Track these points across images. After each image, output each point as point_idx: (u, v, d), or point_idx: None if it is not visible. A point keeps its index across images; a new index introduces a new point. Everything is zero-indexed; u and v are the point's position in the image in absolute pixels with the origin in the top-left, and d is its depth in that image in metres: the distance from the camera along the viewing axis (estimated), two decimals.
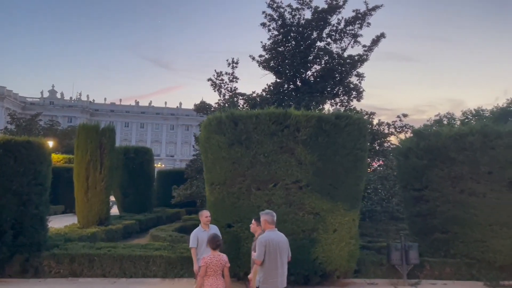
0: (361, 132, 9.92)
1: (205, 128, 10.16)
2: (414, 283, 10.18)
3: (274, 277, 5.83)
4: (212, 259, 6.04)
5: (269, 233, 6.02)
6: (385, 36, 18.85)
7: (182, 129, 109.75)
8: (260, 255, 5.83)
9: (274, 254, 5.86)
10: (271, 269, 5.82)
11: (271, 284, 5.81)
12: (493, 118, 59.33)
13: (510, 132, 10.62)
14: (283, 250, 6.01)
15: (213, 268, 5.97)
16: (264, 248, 5.82)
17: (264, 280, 5.82)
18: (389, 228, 16.20)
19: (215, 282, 5.97)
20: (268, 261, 5.80)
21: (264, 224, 6.15)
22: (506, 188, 10.45)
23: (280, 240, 6.03)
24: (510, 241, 10.27)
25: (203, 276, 5.97)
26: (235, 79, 19.26)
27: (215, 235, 6.46)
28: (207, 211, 8.20)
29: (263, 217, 6.18)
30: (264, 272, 5.83)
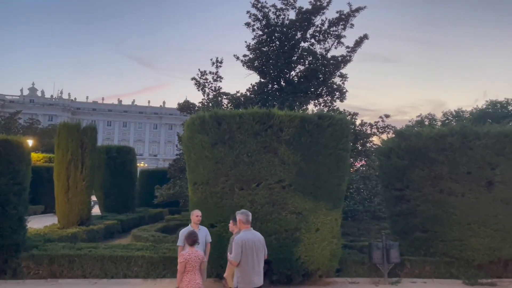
0: (344, 132, 10.01)
1: (188, 128, 10.11)
2: (395, 282, 10.32)
3: (251, 276, 5.88)
4: (190, 255, 6.15)
5: (245, 233, 6.06)
6: (368, 37, 19.03)
7: (166, 129, 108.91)
8: (237, 256, 5.87)
9: (250, 254, 5.90)
10: (248, 268, 5.86)
11: (249, 284, 5.86)
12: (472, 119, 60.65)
13: (488, 133, 10.86)
14: (259, 249, 6.05)
15: (191, 264, 6.10)
16: (241, 248, 5.86)
17: (242, 280, 5.86)
18: (371, 227, 16.39)
19: (193, 278, 6.10)
20: (245, 261, 5.85)
21: (239, 224, 6.19)
22: (484, 188, 10.68)
23: (256, 239, 6.07)
24: (488, 240, 10.51)
25: (183, 272, 6.07)
26: (219, 79, 19.20)
27: (192, 231, 6.56)
28: (199, 211, 8.12)
29: (238, 216, 6.22)
30: (242, 272, 5.87)
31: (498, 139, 10.76)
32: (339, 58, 18.92)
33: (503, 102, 72.22)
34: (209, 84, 19.14)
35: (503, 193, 10.60)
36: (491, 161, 10.71)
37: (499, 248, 10.49)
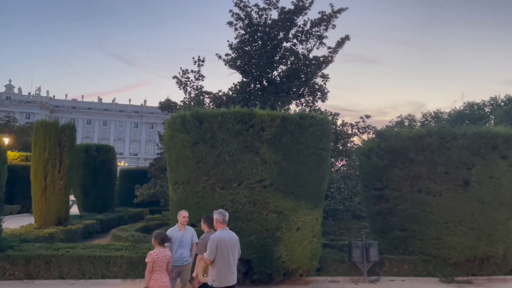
0: (325, 132, 10.09)
1: (169, 126, 10.03)
2: (374, 280, 10.46)
3: (226, 275, 5.94)
4: (158, 254, 6.19)
5: (221, 232, 6.10)
6: (350, 38, 19.23)
7: (147, 127, 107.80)
8: (211, 254, 5.91)
9: (226, 252, 5.96)
10: (223, 267, 5.92)
11: (224, 282, 5.91)
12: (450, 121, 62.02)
13: (464, 134, 11.10)
14: (235, 248, 6.13)
15: (159, 263, 6.15)
16: (216, 247, 5.91)
17: (217, 278, 5.91)
18: (351, 226, 16.58)
19: (161, 277, 6.15)
20: (220, 260, 5.90)
21: (216, 223, 6.24)
22: (461, 188, 10.92)
23: (231, 238, 6.14)
24: (464, 238, 10.74)
25: (151, 272, 6.11)
26: (201, 77, 19.11)
27: (162, 231, 6.62)
28: (186, 212, 7.96)
29: (215, 216, 6.26)
30: (217, 270, 5.93)
31: (474, 140, 11.00)
32: (321, 59, 19.07)
33: (479, 104, 74.13)
34: (191, 83, 19.05)
35: (479, 193, 10.85)
36: (468, 161, 10.95)
37: (475, 247, 10.73)
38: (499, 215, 10.90)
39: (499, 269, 11.09)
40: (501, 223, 10.91)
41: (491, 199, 10.87)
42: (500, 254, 10.88)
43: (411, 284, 10.33)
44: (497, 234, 10.84)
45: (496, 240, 10.81)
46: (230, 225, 9.06)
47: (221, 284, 5.89)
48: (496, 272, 11.08)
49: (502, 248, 10.88)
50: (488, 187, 10.89)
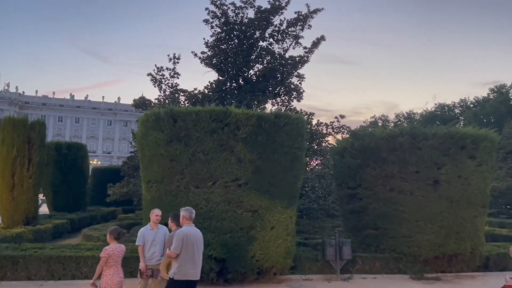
0: (300, 132, 10.15)
1: (143, 124, 9.88)
2: (347, 278, 10.59)
3: (189, 269, 6.09)
4: (114, 250, 6.26)
5: (187, 228, 6.24)
6: (325, 39, 19.44)
7: (120, 125, 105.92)
8: (177, 248, 6.03)
9: (191, 247, 6.10)
10: (187, 261, 6.07)
11: (185, 275, 6.05)
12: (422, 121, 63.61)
13: (435, 134, 11.36)
14: (199, 244, 6.29)
15: (114, 258, 6.23)
16: (182, 241, 6.05)
17: (179, 271, 6.04)
18: (325, 225, 16.75)
19: (116, 272, 6.24)
20: (184, 254, 6.05)
21: (182, 219, 6.37)
22: (431, 187, 11.18)
23: (197, 235, 6.29)
24: (434, 236, 11.01)
25: (103, 266, 6.19)
26: (176, 75, 18.93)
27: (117, 227, 6.68)
28: (159, 210, 7.86)
29: (182, 213, 6.40)
30: (180, 264, 6.06)
31: (444, 140, 11.29)
32: (296, 58, 19.19)
33: (450, 105, 76.38)
34: (165, 80, 18.85)
35: (448, 192, 11.14)
36: (438, 161, 11.22)
37: (444, 244, 11.02)
38: (467, 213, 11.22)
39: (467, 266, 11.42)
40: (469, 221, 11.23)
41: (459, 198, 11.17)
42: (467, 251, 11.20)
43: (383, 282, 10.52)
44: (465, 232, 11.15)
45: (464, 237, 11.13)
46: (205, 224, 9.09)
47: (182, 276, 6.02)
48: (464, 269, 11.40)
49: (469, 246, 11.20)
50: (456, 186, 11.19)
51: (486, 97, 68.49)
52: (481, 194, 11.50)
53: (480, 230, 11.68)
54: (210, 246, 9.07)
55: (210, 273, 9.10)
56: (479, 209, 11.51)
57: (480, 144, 11.45)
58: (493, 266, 11.79)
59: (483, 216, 11.85)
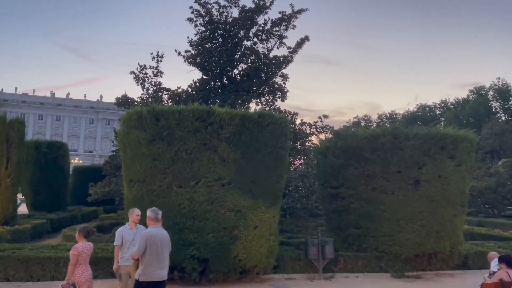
0: (283, 131, 10.17)
1: (125, 123, 9.76)
2: (329, 277, 10.66)
3: (154, 270, 6.09)
4: (83, 248, 6.34)
5: (152, 229, 6.24)
6: (309, 39, 19.52)
7: (103, 124, 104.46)
8: (140, 250, 6.03)
9: (155, 248, 6.08)
10: (152, 262, 6.06)
11: (150, 276, 6.05)
12: (404, 122, 64.59)
13: (416, 135, 11.53)
14: (165, 245, 6.27)
15: (84, 256, 6.31)
16: (145, 243, 6.05)
17: (144, 272, 6.04)
18: (308, 224, 16.85)
19: (85, 270, 6.34)
20: (149, 255, 6.05)
21: (148, 220, 6.38)
22: (412, 186, 11.35)
23: (162, 235, 6.28)
24: (414, 235, 11.17)
25: (74, 265, 6.25)
26: (159, 74, 18.76)
27: (86, 225, 6.76)
28: (139, 210, 7.76)
29: (148, 213, 6.41)
30: (145, 265, 6.06)
31: (425, 141, 11.46)
32: (280, 58, 19.23)
33: (431, 106, 77.70)
34: (149, 78, 18.66)
35: (428, 191, 11.32)
36: (419, 161, 11.39)
37: (424, 243, 11.20)
38: (447, 212, 11.42)
39: (446, 264, 11.62)
40: (448, 220, 11.44)
41: (439, 197, 11.37)
42: (447, 250, 11.41)
43: (364, 280, 10.63)
44: (444, 231, 11.36)
45: (444, 236, 11.33)
46: (187, 223, 9.05)
47: (147, 278, 6.02)
48: (443, 267, 11.60)
49: (449, 244, 11.41)
50: (437, 186, 11.38)
51: (466, 98, 69.89)
52: (460, 193, 11.72)
53: (459, 229, 11.91)
54: (192, 246, 9.03)
55: (193, 273, 9.06)
56: (458, 208, 11.73)
57: (459, 144, 11.66)
58: (471, 265, 12.04)
59: (462, 215, 12.08)
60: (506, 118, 59.94)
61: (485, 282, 7.46)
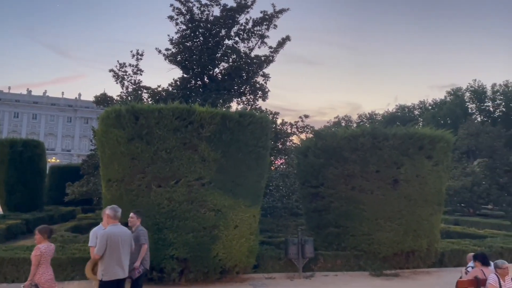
0: (264, 131, 10.17)
1: (103, 122, 9.61)
2: (309, 276, 10.72)
3: (116, 269, 6.13)
4: (46, 249, 6.31)
5: (111, 228, 6.25)
6: (290, 39, 19.59)
7: (81, 122, 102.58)
8: (101, 249, 6.04)
9: (116, 247, 6.11)
10: (113, 261, 6.10)
11: (113, 275, 6.08)
12: (384, 122, 65.52)
13: (395, 135, 11.69)
14: (126, 242, 6.31)
15: (46, 257, 6.28)
16: (106, 242, 6.06)
17: (106, 272, 6.06)
18: (289, 223, 16.91)
19: (47, 270, 6.31)
20: (109, 254, 6.08)
21: (107, 219, 6.38)
22: (391, 186, 11.50)
23: (122, 233, 6.31)
24: (392, 233, 11.33)
25: (37, 265, 6.22)
26: (139, 72, 18.56)
27: (46, 225, 6.70)
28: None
29: (107, 212, 6.42)
30: (106, 264, 6.08)
31: (403, 141, 11.63)
32: (262, 58, 19.25)
33: (410, 107, 79.02)
34: (128, 77, 18.45)
35: (406, 190, 11.50)
36: (397, 161, 11.55)
37: (402, 241, 11.37)
38: (424, 211, 11.63)
39: (423, 262, 11.82)
40: (426, 219, 11.64)
41: (417, 196, 11.56)
42: (424, 248, 11.61)
43: (343, 279, 10.73)
44: (422, 229, 11.55)
45: (421, 235, 11.52)
46: (167, 223, 8.97)
47: (110, 277, 6.06)
48: (420, 265, 11.80)
49: (426, 242, 11.61)
50: (414, 185, 11.57)
51: (443, 99, 71.30)
52: (437, 192, 11.95)
53: (436, 228, 12.13)
54: (172, 246, 8.96)
55: (172, 273, 8.99)
56: (435, 207, 11.95)
57: (436, 144, 11.88)
58: (447, 262, 12.28)
59: (439, 214, 12.31)
60: (482, 119, 61.46)
61: (460, 279, 7.61)
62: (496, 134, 37.24)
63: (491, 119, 60.61)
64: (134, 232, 7.16)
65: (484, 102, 65.45)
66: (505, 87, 63.85)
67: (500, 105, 64.06)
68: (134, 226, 7.32)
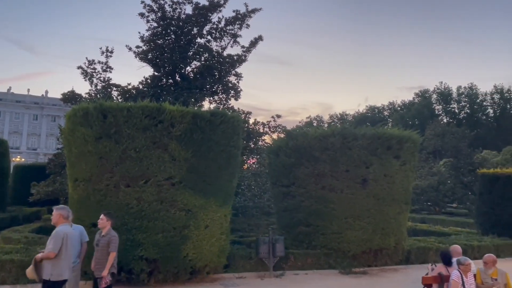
0: (235, 130, 10.16)
1: (70, 120, 9.36)
2: (279, 275, 10.78)
3: (65, 269, 6.12)
4: None
5: (65, 227, 6.27)
6: (263, 39, 19.62)
7: (48, 120, 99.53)
8: (56, 248, 6.03)
9: (70, 246, 6.16)
10: (64, 261, 6.08)
11: (62, 276, 6.05)
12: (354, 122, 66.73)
13: (364, 135, 11.91)
14: (75, 243, 6.43)
15: None
16: (62, 241, 6.04)
17: (56, 272, 6.01)
18: (261, 223, 16.95)
19: None
20: (64, 253, 6.06)
21: (59, 218, 6.35)
22: (360, 185, 11.72)
23: (74, 233, 6.43)
24: (361, 232, 11.55)
25: None
26: (109, 69, 18.13)
27: None
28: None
29: (59, 211, 6.41)
30: (57, 264, 6.03)
31: (372, 141, 11.87)
32: (234, 57, 19.20)
33: (380, 108, 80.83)
34: (97, 74, 17.99)
35: (375, 190, 11.74)
36: (366, 160, 11.78)
37: (370, 240, 11.60)
38: (392, 210, 11.91)
39: (390, 259, 12.11)
40: (393, 218, 11.93)
41: (385, 195, 11.82)
42: (392, 246, 11.89)
43: (313, 277, 10.85)
44: (389, 228, 11.83)
45: (389, 233, 11.79)
46: (136, 224, 8.84)
47: (58, 277, 6.02)
48: (388, 263, 12.09)
49: (393, 240, 11.89)
50: (383, 184, 11.83)
51: (412, 100, 73.36)
52: (404, 191, 12.26)
53: (403, 226, 12.45)
54: (141, 247, 8.82)
55: (141, 274, 8.85)
56: (403, 205, 12.26)
57: (404, 144, 12.18)
58: (414, 259, 12.64)
59: (406, 212, 12.64)
60: (448, 120, 63.55)
61: (424, 276, 7.83)
62: (460, 135, 38.62)
63: (456, 120, 62.83)
64: (105, 236, 6.89)
65: (450, 104, 67.74)
66: (470, 90, 66.32)
67: (465, 107, 66.49)
68: (104, 229, 6.94)
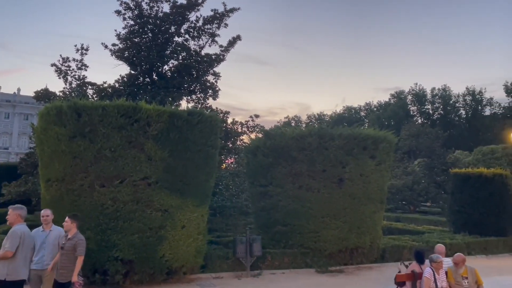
0: (213, 130, 10.12)
1: (43, 118, 9.15)
2: (257, 274, 10.81)
3: (22, 268, 6.09)
4: None
5: (21, 226, 6.24)
6: (241, 38, 19.61)
7: (20, 119, 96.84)
8: (14, 247, 5.98)
9: (27, 246, 6.15)
10: (21, 260, 6.06)
11: (19, 275, 6.02)
12: (332, 122, 67.47)
13: (341, 135, 12.05)
14: (31, 243, 6.36)
15: None
16: (19, 240, 6.01)
17: (13, 272, 5.96)
18: (238, 222, 16.93)
19: None
20: (20, 253, 6.03)
21: (17, 218, 6.32)
22: (336, 184, 11.85)
23: (28, 234, 6.34)
24: (338, 231, 11.69)
25: None
26: (84, 67, 17.76)
27: None
28: (46, 210, 7.20)
29: (18, 211, 6.37)
30: (15, 264, 5.99)
31: (348, 141, 12.02)
32: (212, 56, 19.12)
33: (357, 108, 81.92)
34: (72, 72, 17.60)
35: (351, 189, 11.90)
36: (342, 160, 11.92)
37: (347, 238, 11.75)
38: (367, 209, 12.09)
39: (366, 258, 12.30)
40: (369, 217, 12.12)
41: (361, 194, 12.00)
42: (367, 244, 12.08)
43: (290, 276, 10.92)
44: (365, 227, 12.01)
45: (364, 232, 11.98)
46: (110, 224, 8.72)
47: (16, 277, 5.96)
48: (363, 261, 12.27)
49: (369, 239, 12.08)
50: (358, 184, 12.00)
51: (387, 101, 74.55)
52: (379, 191, 12.47)
53: (378, 225, 12.66)
54: (116, 248, 8.68)
55: (116, 275, 8.72)
56: (378, 205, 12.47)
57: (379, 145, 12.38)
58: (388, 257, 12.86)
59: (381, 211, 12.87)
60: (422, 121, 64.91)
61: (398, 273, 7.98)
62: (434, 136, 39.47)
63: (430, 121, 64.22)
64: (71, 239, 6.66)
65: (424, 105, 69.19)
66: (443, 91, 67.91)
67: (439, 108, 68.03)
68: (70, 232, 6.66)
